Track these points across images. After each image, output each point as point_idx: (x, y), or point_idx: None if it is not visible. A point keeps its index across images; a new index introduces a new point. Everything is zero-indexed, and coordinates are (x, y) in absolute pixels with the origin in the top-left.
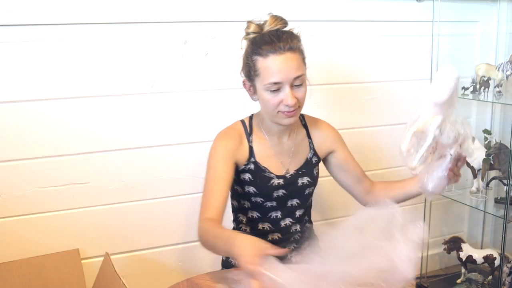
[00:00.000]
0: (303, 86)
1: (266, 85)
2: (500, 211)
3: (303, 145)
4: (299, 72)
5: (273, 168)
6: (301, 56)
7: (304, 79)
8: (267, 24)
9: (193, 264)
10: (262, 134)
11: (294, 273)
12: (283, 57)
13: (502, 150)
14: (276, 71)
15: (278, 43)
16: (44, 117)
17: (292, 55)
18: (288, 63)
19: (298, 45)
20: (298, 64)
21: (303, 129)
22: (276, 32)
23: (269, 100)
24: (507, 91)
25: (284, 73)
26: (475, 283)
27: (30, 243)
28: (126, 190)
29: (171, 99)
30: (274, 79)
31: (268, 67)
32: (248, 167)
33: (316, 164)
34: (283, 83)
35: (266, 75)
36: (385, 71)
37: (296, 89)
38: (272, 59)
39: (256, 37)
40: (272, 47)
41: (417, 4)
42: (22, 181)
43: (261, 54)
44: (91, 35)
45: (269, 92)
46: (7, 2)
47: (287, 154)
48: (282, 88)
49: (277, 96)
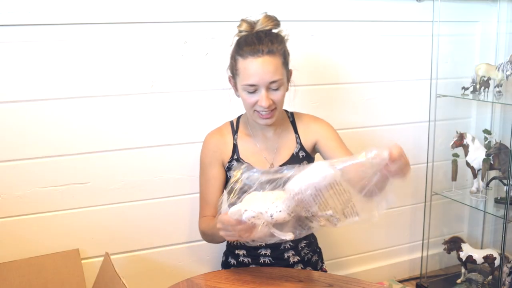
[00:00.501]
0: (280, 90)
1: (243, 85)
2: (500, 211)
3: (289, 141)
4: (275, 77)
5: (257, 164)
6: (281, 60)
7: (281, 83)
8: (259, 23)
9: (193, 264)
10: (247, 131)
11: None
12: (261, 60)
13: (502, 150)
14: (252, 74)
15: (258, 45)
16: (44, 117)
17: (271, 59)
18: (265, 67)
19: (279, 49)
20: (276, 68)
21: (290, 126)
22: (260, 34)
23: (246, 99)
24: (507, 91)
25: (260, 76)
26: (475, 283)
27: (30, 243)
28: (126, 190)
29: (171, 99)
30: (250, 81)
31: (246, 69)
32: (232, 164)
33: (304, 158)
34: (259, 86)
35: (244, 76)
36: (385, 71)
37: (273, 92)
38: (250, 61)
39: (242, 37)
40: (252, 49)
41: (417, 4)
42: (22, 181)
43: (241, 55)
44: (91, 35)
45: (247, 92)
46: (7, 2)
47: (272, 149)
48: (259, 90)
49: (254, 96)
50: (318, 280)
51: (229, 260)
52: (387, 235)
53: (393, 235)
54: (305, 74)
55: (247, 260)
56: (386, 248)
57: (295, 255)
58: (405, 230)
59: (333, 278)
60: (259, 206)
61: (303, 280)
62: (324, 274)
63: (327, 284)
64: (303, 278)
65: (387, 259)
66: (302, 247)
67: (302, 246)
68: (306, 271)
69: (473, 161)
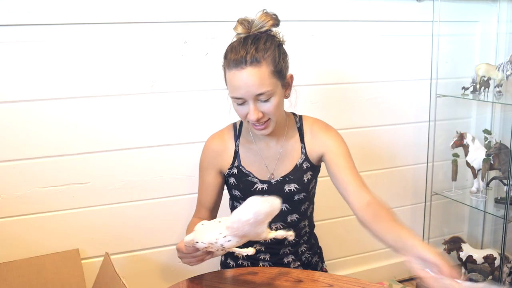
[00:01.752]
0: (271, 100)
1: (231, 97)
2: (500, 211)
3: (293, 150)
4: (262, 89)
5: (257, 173)
6: (269, 69)
7: (271, 93)
8: (255, 24)
9: None
10: (250, 138)
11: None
12: (244, 72)
13: (502, 150)
14: (236, 87)
15: (242, 54)
16: (44, 117)
17: (255, 70)
18: (249, 79)
19: (265, 56)
20: (262, 80)
21: (296, 133)
22: (247, 40)
23: (237, 111)
24: (507, 91)
25: (245, 90)
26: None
27: (30, 243)
28: (126, 190)
29: (171, 99)
30: (235, 94)
31: (231, 81)
32: (232, 171)
33: (308, 170)
34: (245, 99)
35: (230, 89)
36: (385, 71)
37: (262, 104)
38: (233, 74)
39: (231, 43)
40: (235, 60)
41: (417, 4)
42: (22, 181)
43: (227, 66)
44: (91, 35)
45: (236, 104)
46: (7, 2)
47: (274, 159)
48: (247, 102)
49: (243, 108)
50: (318, 280)
51: (228, 261)
52: None
53: None
54: (305, 74)
55: (246, 264)
56: (386, 248)
57: (296, 260)
58: None
59: (333, 278)
60: (209, 237)
61: (303, 280)
62: (324, 274)
63: (327, 284)
64: (303, 278)
65: (387, 259)
66: (303, 251)
67: (302, 250)
68: (306, 271)
69: (473, 161)
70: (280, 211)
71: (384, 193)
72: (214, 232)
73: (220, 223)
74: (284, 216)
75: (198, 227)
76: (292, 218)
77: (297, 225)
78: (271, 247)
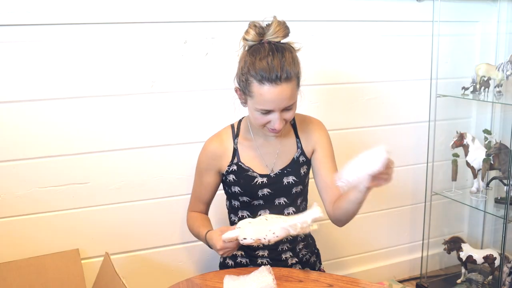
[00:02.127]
0: (293, 108)
1: (257, 108)
2: (500, 211)
3: (290, 145)
4: (291, 101)
5: (257, 168)
6: (297, 82)
7: (295, 103)
8: (270, 32)
9: (193, 264)
10: (249, 136)
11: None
12: (279, 89)
13: (502, 150)
14: (269, 101)
15: (277, 71)
16: (44, 117)
17: (288, 84)
18: (282, 95)
19: (296, 71)
20: (292, 93)
21: (291, 129)
22: (275, 54)
23: (257, 119)
24: (507, 91)
25: (276, 103)
26: (475, 283)
27: (30, 243)
28: (126, 190)
29: (171, 99)
30: (266, 107)
31: (262, 95)
32: (231, 168)
33: (304, 163)
34: (274, 110)
35: (259, 101)
36: (385, 71)
37: (286, 112)
38: (267, 89)
39: (255, 52)
40: (269, 76)
41: (417, 4)
42: (22, 181)
43: (257, 79)
44: (91, 35)
45: (259, 113)
46: (7, 2)
47: (273, 154)
48: (272, 112)
49: (266, 117)
50: (318, 280)
51: (227, 261)
52: (387, 235)
53: (393, 235)
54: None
55: (244, 261)
56: (386, 248)
57: (293, 257)
58: (405, 230)
59: (333, 278)
60: (258, 234)
61: (303, 280)
62: (324, 274)
63: (327, 284)
64: (303, 278)
65: (387, 259)
66: (300, 248)
67: (300, 247)
68: (306, 271)
69: (473, 161)
70: (279, 205)
71: (384, 193)
72: (264, 229)
73: (268, 221)
74: (281, 210)
75: (244, 224)
76: (288, 211)
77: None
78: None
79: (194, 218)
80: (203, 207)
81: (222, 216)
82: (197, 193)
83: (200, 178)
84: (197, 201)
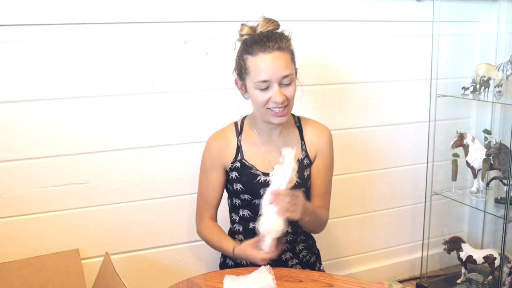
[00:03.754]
0: (292, 85)
1: (256, 83)
2: (500, 211)
3: (295, 145)
4: (287, 71)
5: (260, 166)
6: (290, 56)
7: (293, 78)
8: (260, 26)
9: (193, 264)
10: (252, 133)
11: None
12: (272, 55)
13: (502, 150)
14: (264, 69)
15: (268, 42)
16: (44, 117)
17: (281, 54)
18: (276, 62)
19: (287, 45)
20: (287, 63)
21: (296, 130)
22: (266, 32)
23: (258, 97)
24: (507, 91)
25: (272, 71)
26: (475, 283)
27: (30, 243)
28: (126, 190)
29: (171, 99)
30: (262, 77)
31: (257, 65)
32: (235, 165)
33: (308, 166)
34: (271, 81)
35: (255, 73)
36: (385, 71)
37: (285, 88)
38: (261, 57)
39: (248, 38)
40: (262, 46)
41: (417, 4)
42: (22, 181)
43: (251, 53)
44: (91, 35)
45: (259, 90)
46: (7, 2)
47: (276, 151)
48: (271, 86)
49: (266, 93)
50: (318, 280)
51: (227, 261)
52: (387, 235)
53: (393, 235)
54: (305, 74)
55: (245, 262)
56: (386, 248)
57: (293, 258)
58: (405, 230)
59: (333, 278)
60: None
61: (303, 280)
62: (324, 274)
63: (327, 284)
64: (303, 278)
65: (387, 259)
66: (300, 249)
67: (300, 248)
68: (306, 271)
69: (473, 161)
70: None
71: (384, 193)
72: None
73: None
74: None
75: (265, 224)
76: None
77: (294, 222)
78: None
79: (211, 233)
80: (213, 211)
81: (223, 215)
82: (204, 196)
83: (206, 178)
84: (206, 205)
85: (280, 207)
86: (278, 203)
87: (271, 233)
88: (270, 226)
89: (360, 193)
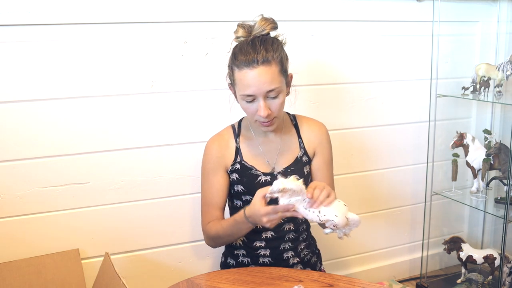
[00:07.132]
0: (279, 97)
1: (241, 95)
2: (500, 211)
3: (292, 144)
4: (273, 85)
5: (260, 166)
6: (278, 68)
7: (280, 90)
8: (256, 27)
9: (193, 264)
10: (250, 134)
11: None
12: (256, 71)
13: (502, 150)
14: (248, 85)
15: (253, 55)
16: (44, 117)
17: (266, 68)
18: (261, 77)
19: (275, 57)
20: (272, 77)
21: (293, 129)
22: (255, 41)
23: (246, 109)
24: (507, 91)
25: (256, 87)
26: (475, 283)
27: (30, 243)
28: (126, 190)
29: (171, 99)
30: (247, 91)
31: (242, 80)
32: (235, 167)
33: (307, 163)
34: (256, 96)
35: (241, 87)
36: (385, 71)
37: (271, 101)
38: (245, 73)
39: (237, 45)
40: (246, 60)
41: (417, 4)
42: (22, 181)
43: (237, 66)
44: (91, 35)
45: (245, 102)
46: (7, 2)
47: (274, 151)
48: (256, 99)
49: (252, 106)
50: (318, 280)
51: (228, 261)
52: (387, 235)
53: (393, 235)
54: (305, 74)
55: (246, 261)
56: (386, 248)
57: (295, 256)
58: (405, 230)
59: (333, 278)
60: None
61: (303, 280)
62: (324, 274)
63: (327, 284)
64: (303, 278)
65: (387, 259)
66: (302, 248)
67: (301, 247)
68: (306, 271)
69: (473, 161)
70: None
71: (384, 193)
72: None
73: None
74: None
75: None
76: None
77: (295, 219)
78: (271, 243)
79: (218, 223)
80: (219, 213)
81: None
82: (209, 199)
83: (208, 181)
84: (211, 208)
85: (324, 199)
86: (319, 199)
87: (341, 219)
88: (338, 213)
89: (360, 193)
